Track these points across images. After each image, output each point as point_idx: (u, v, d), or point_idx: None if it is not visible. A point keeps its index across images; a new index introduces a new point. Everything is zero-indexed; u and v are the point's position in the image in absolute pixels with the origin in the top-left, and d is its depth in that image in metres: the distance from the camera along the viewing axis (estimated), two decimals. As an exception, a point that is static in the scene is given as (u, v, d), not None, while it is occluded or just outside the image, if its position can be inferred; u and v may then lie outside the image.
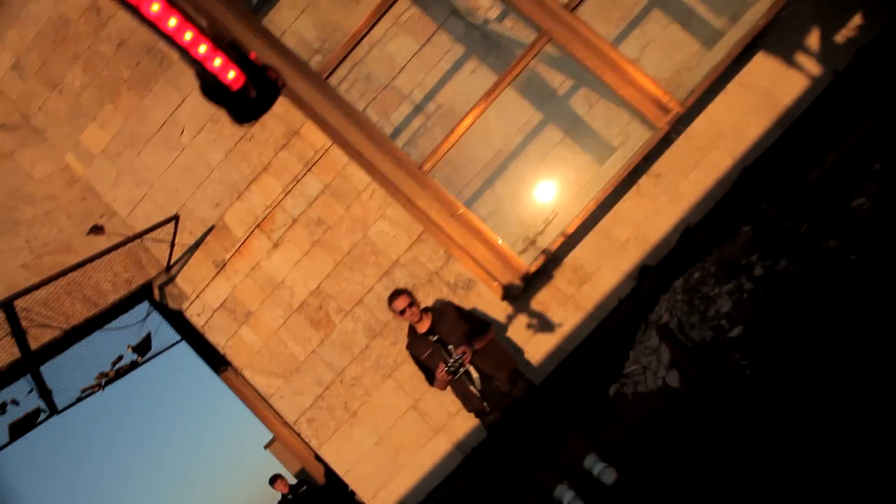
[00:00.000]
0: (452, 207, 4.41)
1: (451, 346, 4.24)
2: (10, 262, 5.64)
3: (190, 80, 6.18)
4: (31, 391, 5.76)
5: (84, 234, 6.05)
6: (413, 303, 4.27)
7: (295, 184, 5.96)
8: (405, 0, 5.93)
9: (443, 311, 4.36)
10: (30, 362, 5.39)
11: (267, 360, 6.07)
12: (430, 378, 4.40)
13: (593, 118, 5.79)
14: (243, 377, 8.33)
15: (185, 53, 1.58)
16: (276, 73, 1.76)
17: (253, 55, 1.71)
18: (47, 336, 5.51)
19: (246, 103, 1.71)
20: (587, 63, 4.23)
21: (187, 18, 1.56)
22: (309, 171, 5.93)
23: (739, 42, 4.49)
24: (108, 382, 6.41)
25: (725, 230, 5.53)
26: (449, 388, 4.42)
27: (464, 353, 4.12)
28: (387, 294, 5.83)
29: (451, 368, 4.13)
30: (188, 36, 1.57)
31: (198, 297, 6.18)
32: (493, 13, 5.88)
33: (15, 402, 5.63)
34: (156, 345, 7.13)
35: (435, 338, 4.29)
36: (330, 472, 8.55)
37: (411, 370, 5.88)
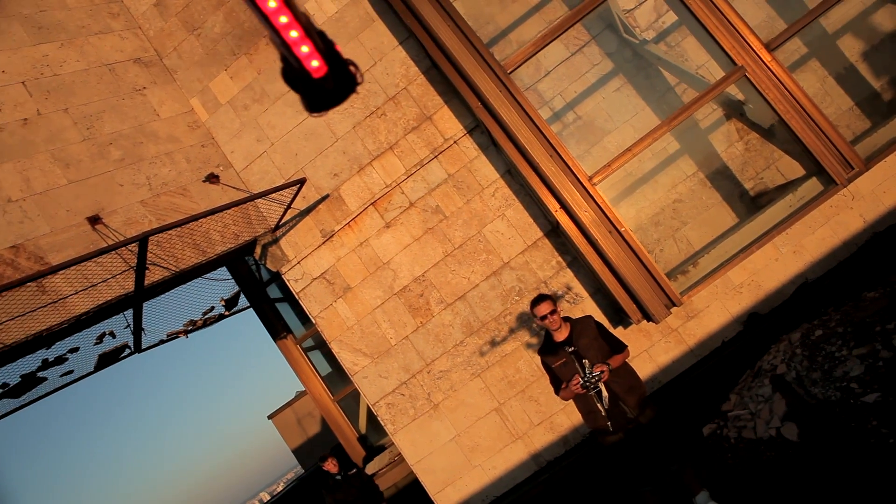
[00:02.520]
0: (615, 224, 4.38)
1: (585, 361, 4.21)
2: (131, 195, 5.64)
3: (330, 47, 6.16)
4: (126, 326, 5.76)
5: (200, 181, 6.04)
6: (555, 310, 4.24)
7: (418, 168, 5.95)
8: (562, 5, 5.92)
9: (584, 325, 4.32)
10: (138, 298, 5.38)
11: (358, 338, 6.05)
12: (556, 386, 4.37)
13: (730, 157, 5.75)
14: (297, 347, 8.35)
15: (277, 34, 1.64)
16: (355, 68, 1.80)
17: (338, 47, 1.76)
18: (155, 276, 5.51)
19: (321, 93, 1.76)
20: (776, 106, 4.19)
21: (286, 2, 1.62)
22: (435, 157, 5.92)
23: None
24: (193, 330, 6.41)
25: (845, 292, 5.48)
26: (572, 400, 4.39)
27: (602, 371, 4.09)
28: (491, 294, 5.87)
29: (587, 383, 4.10)
30: (283, 19, 1.63)
31: (299, 262, 6.17)
32: (650, 34, 5.85)
33: (112, 335, 5.64)
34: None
35: (571, 349, 4.26)
36: (370, 459, 8.55)
37: (501, 373, 5.88)
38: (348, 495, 6.69)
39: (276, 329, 8.54)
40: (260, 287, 8.65)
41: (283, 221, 6.10)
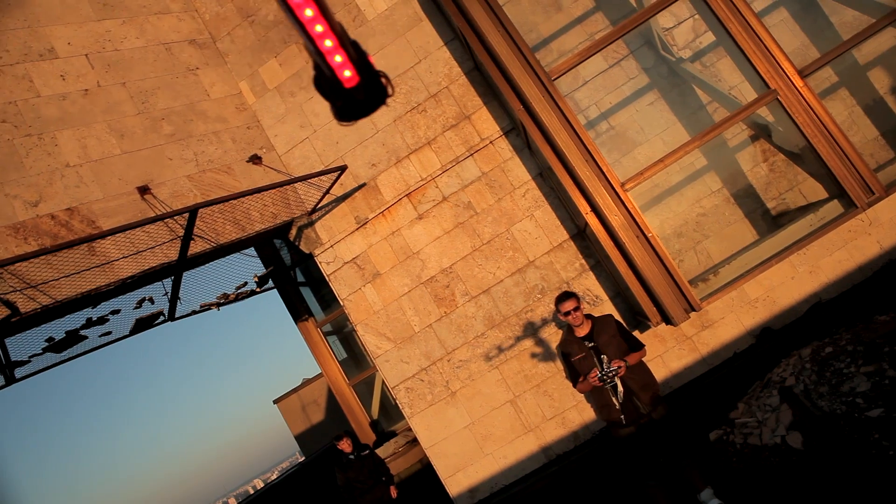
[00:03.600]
0: (642, 229, 4.61)
1: (604, 356, 4.44)
2: (179, 169, 5.92)
3: (378, 41, 6.43)
4: (164, 294, 6.04)
5: (244, 161, 6.31)
6: (578, 307, 4.48)
7: (454, 164, 6.19)
8: (604, 18, 6.17)
9: (604, 322, 4.56)
10: (180, 267, 5.65)
11: (383, 323, 6.30)
12: (574, 379, 4.60)
13: (755, 176, 5.96)
14: (318, 331, 8.60)
15: (311, 43, 1.63)
16: (387, 80, 1.78)
17: (371, 58, 1.76)
18: (197, 247, 5.78)
19: (352, 103, 1.74)
20: (804, 130, 4.41)
21: (322, 12, 1.62)
22: (471, 156, 6.16)
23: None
24: (226, 303, 6.67)
25: (857, 314, 5.67)
26: (587, 393, 4.61)
27: (619, 367, 4.32)
28: (515, 290, 6.09)
29: (604, 377, 4.32)
30: (319, 28, 1.62)
31: (332, 246, 6.42)
32: (687, 53, 6.08)
33: (151, 301, 5.90)
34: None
35: (591, 344, 4.49)
36: (378, 445, 8.79)
37: (518, 367, 6.10)
38: (360, 475, 6.92)
39: (299, 311, 8.81)
40: (285, 270, 8.93)
41: (320, 205, 6.36)
